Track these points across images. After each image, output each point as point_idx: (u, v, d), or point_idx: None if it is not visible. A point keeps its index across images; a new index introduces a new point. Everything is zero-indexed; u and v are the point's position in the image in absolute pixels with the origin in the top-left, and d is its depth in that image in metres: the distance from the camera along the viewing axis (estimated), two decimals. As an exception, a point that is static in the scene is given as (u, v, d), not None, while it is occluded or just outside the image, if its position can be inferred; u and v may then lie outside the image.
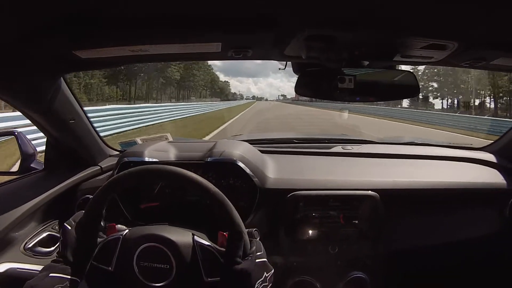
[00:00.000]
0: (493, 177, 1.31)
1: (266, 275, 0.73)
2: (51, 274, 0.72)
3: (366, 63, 0.94)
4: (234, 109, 24.90)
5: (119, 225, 0.91)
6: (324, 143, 1.54)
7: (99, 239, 0.80)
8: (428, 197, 1.22)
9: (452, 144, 1.57)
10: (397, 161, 1.39)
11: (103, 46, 0.85)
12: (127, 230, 0.79)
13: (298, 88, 0.94)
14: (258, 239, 0.81)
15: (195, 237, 0.77)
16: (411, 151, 1.43)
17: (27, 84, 0.97)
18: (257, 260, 0.73)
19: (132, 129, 9.87)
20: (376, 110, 20.33)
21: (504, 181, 1.28)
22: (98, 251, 0.77)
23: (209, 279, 0.74)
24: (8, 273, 1.00)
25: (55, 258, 0.78)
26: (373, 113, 19.57)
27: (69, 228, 0.79)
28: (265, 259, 0.75)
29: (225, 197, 0.76)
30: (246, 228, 0.77)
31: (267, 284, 0.73)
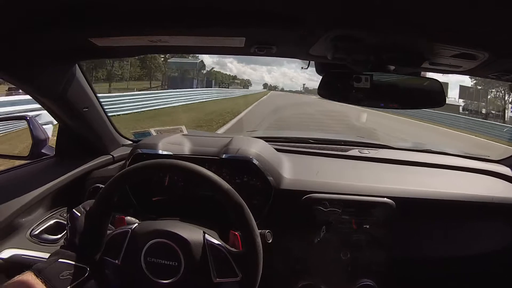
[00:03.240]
0: (509, 191, 1.28)
1: None
2: (60, 260, 0.71)
3: (392, 68, 0.91)
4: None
5: (128, 218, 0.90)
6: (340, 145, 1.52)
7: (108, 231, 0.79)
8: (443, 207, 1.19)
9: (469, 154, 1.53)
10: (413, 168, 1.36)
11: (121, 35, 0.83)
12: (136, 224, 0.78)
13: (321, 89, 0.91)
14: (270, 241, 0.79)
15: (206, 235, 0.75)
16: (427, 159, 1.41)
17: (41, 70, 0.95)
18: None
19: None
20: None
21: None
22: (106, 243, 0.76)
23: (217, 279, 0.72)
24: (12, 259, 1.00)
25: (63, 244, 0.78)
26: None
27: (78, 215, 0.78)
28: None
29: (239, 196, 0.74)
30: (258, 229, 0.75)
31: None
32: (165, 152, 1.15)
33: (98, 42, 0.87)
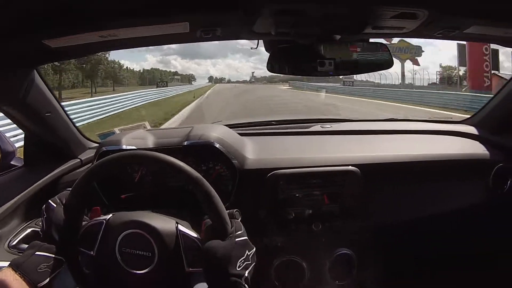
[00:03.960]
0: (474, 148, 1.32)
1: (248, 253, 0.72)
2: (37, 253, 0.71)
3: (338, 37, 0.93)
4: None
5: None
6: (303, 123, 1.54)
7: (83, 222, 0.79)
8: (410, 170, 1.22)
9: (432, 118, 1.58)
10: (378, 136, 1.39)
11: (71, 33, 0.83)
12: (111, 215, 0.78)
13: (271, 65, 0.94)
14: (239, 219, 0.80)
15: (179, 225, 0.76)
16: (391, 127, 1.45)
17: None
18: (237, 239, 0.72)
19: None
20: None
21: (486, 152, 1.30)
22: (81, 235, 0.77)
23: (190, 269, 0.73)
24: None
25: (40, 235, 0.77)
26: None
27: (54, 205, 0.78)
28: (245, 237, 0.74)
29: (203, 178, 0.75)
30: (226, 210, 0.76)
31: (249, 262, 0.72)
32: (129, 147, 1.16)
33: (52, 43, 0.87)
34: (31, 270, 0.69)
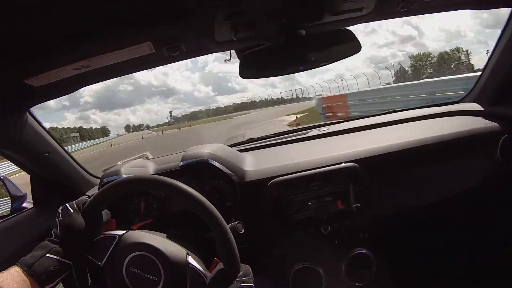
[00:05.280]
0: (478, 123, 1.26)
1: None
2: (47, 255, 0.72)
3: (303, 32, 0.94)
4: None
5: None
6: (301, 131, 1.53)
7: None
8: (415, 156, 1.17)
9: (431, 103, 1.53)
10: (377, 130, 1.36)
11: (46, 69, 0.89)
12: (124, 231, 0.79)
13: (242, 73, 0.95)
14: (242, 231, 0.78)
15: (189, 257, 0.76)
16: (391, 118, 1.41)
17: None
18: (243, 284, 0.70)
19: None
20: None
21: (489, 125, 1.23)
22: (93, 244, 0.78)
23: None
24: None
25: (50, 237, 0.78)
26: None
27: (71, 211, 0.79)
28: (251, 284, 0.72)
29: (219, 214, 0.73)
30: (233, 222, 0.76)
31: None
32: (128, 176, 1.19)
33: (33, 82, 0.93)
34: (41, 272, 0.69)
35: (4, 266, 1.03)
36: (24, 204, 1.33)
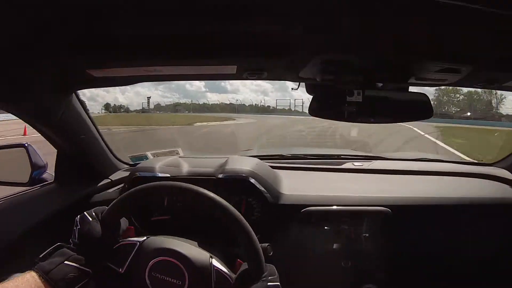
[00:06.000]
0: (505, 192, 1.30)
1: None
2: (66, 262, 0.71)
3: (380, 85, 0.94)
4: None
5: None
6: (334, 159, 1.55)
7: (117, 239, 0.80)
8: (441, 212, 1.21)
9: (463, 160, 1.56)
10: (408, 177, 1.39)
11: (116, 66, 0.86)
12: (145, 238, 0.78)
13: (312, 109, 0.94)
14: (271, 254, 0.79)
15: (213, 260, 0.76)
16: (422, 167, 1.43)
17: (39, 99, 0.97)
18: (269, 284, 0.71)
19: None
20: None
21: None
22: (113, 251, 0.77)
23: None
24: None
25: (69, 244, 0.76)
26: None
27: (90, 219, 0.77)
28: (278, 283, 0.73)
29: (243, 218, 0.74)
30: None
31: None
32: (162, 175, 1.17)
33: (95, 73, 0.89)
34: (58, 279, 0.68)
35: (18, 243, 1.02)
36: (44, 175, 1.28)
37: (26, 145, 1.25)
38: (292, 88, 1.05)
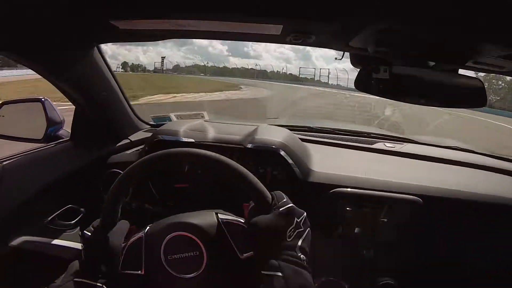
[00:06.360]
0: None
1: (298, 220, 0.67)
2: (75, 279, 0.67)
3: (432, 63, 0.86)
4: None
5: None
6: (365, 137, 1.47)
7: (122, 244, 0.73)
8: (471, 208, 1.14)
9: (497, 154, 1.48)
10: (441, 166, 1.31)
11: (145, 17, 0.77)
12: (147, 227, 0.73)
13: (358, 83, 0.87)
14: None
15: (219, 215, 0.71)
16: (455, 157, 1.36)
17: (59, 52, 0.91)
18: (280, 209, 0.67)
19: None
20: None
21: None
22: (124, 257, 0.71)
23: (244, 255, 0.67)
24: (24, 247, 0.97)
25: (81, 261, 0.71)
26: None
27: (89, 234, 0.72)
28: (290, 205, 0.69)
29: (250, 174, 0.70)
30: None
31: (302, 229, 0.67)
32: (187, 139, 1.11)
33: (120, 24, 0.81)
34: None
35: (30, 202, 0.98)
36: (60, 132, 1.23)
37: (42, 99, 1.19)
38: (335, 58, 0.98)
